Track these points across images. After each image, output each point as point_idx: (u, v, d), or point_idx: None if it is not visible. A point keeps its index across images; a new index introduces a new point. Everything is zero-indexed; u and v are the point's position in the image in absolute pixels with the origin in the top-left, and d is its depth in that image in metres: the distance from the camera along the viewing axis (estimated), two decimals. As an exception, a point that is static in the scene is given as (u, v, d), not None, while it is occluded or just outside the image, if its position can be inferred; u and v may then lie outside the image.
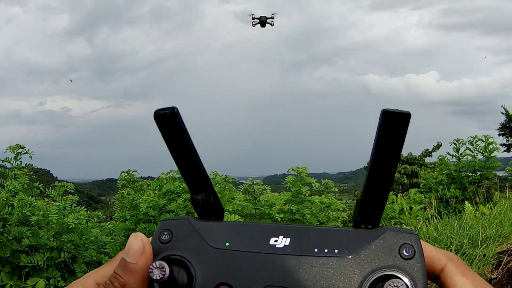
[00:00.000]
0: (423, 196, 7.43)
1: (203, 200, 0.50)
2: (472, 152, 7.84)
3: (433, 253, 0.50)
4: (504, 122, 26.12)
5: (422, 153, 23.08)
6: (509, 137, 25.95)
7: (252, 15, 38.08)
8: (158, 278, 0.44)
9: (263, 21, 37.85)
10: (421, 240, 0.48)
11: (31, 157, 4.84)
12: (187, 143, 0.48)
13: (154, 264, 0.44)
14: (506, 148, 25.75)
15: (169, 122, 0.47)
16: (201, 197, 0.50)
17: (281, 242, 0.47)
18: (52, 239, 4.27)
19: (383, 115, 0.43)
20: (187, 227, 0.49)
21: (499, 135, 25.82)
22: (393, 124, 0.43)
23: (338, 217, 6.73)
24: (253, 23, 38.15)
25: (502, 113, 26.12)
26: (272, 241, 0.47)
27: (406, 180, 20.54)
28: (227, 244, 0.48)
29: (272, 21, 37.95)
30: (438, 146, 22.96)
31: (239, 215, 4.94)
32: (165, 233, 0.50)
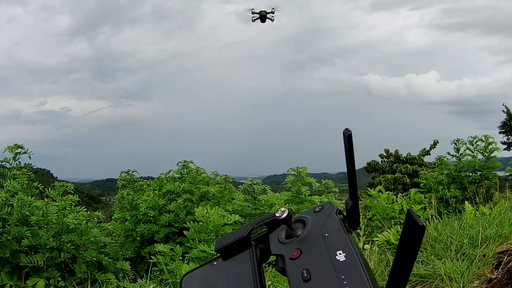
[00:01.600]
0: (423, 196, 7.42)
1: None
2: (472, 152, 7.83)
3: None
4: (505, 120, 26.14)
5: (420, 153, 23.02)
6: (510, 136, 25.95)
7: (252, 9, 37.54)
8: None
9: (263, 16, 37.24)
10: None
11: (30, 157, 4.84)
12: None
13: None
14: (506, 146, 25.76)
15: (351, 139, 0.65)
16: None
17: None
18: (52, 239, 4.27)
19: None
20: None
21: (500, 133, 25.85)
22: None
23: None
24: (253, 18, 37.54)
25: (503, 111, 26.13)
26: None
27: (408, 180, 20.51)
28: None
29: (273, 16, 37.41)
30: (435, 143, 22.92)
31: (239, 215, 4.93)
32: None
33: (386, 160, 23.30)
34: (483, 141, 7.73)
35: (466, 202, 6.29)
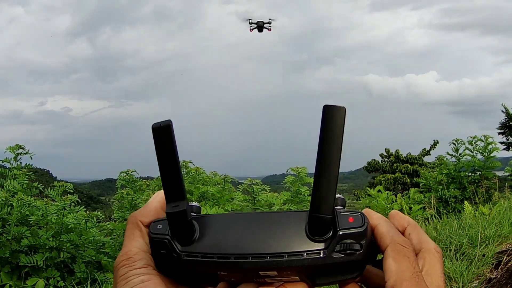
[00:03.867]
0: (422, 196, 7.43)
1: (177, 214, 0.54)
2: (472, 152, 7.84)
3: (383, 231, 0.55)
4: (504, 121, 26.17)
5: (420, 153, 23.07)
6: (509, 136, 25.99)
7: (250, 20, 38.38)
8: None
9: (260, 26, 38.20)
10: (377, 214, 0.57)
11: (31, 158, 4.85)
12: (175, 155, 0.53)
13: None
14: (505, 146, 25.80)
15: (163, 134, 0.52)
16: (175, 207, 0.54)
17: None
18: (51, 239, 4.27)
19: (324, 109, 0.50)
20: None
21: (499, 133, 25.89)
22: (333, 116, 0.50)
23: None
24: (251, 27, 38.50)
25: (502, 111, 26.17)
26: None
27: (408, 180, 20.54)
28: None
29: (270, 26, 38.24)
30: (435, 144, 22.97)
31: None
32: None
33: (386, 159, 23.35)
34: (483, 141, 7.74)
35: (465, 202, 6.30)
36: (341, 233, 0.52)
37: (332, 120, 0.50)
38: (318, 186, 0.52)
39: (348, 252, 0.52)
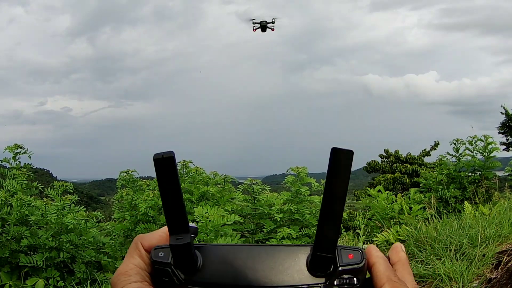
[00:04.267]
0: (422, 196, 7.42)
1: (180, 247, 0.55)
2: (472, 152, 7.83)
3: (381, 270, 0.57)
4: (504, 121, 26.15)
5: (420, 153, 23.05)
6: (509, 136, 25.96)
7: (253, 19, 38.57)
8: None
9: (263, 26, 38.40)
10: (378, 253, 0.59)
11: (30, 157, 4.84)
12: (178, 188, 0.54)
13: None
14: (505, 147, 25.78)
15: (166, 165, 0.52)
16: (179, 240, 0.55)
17: None
18: (51, 239, 4.26)
19: (332, 152, 0.52)
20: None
21: (499, 133, 25.86)
22: (341, 159, 0.52)
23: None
24: (254, 27, 38.69)
25: (501, 113, 26.14)
26: None
27: (407, 180, 20.52)
28: None
29: (273, 25, 38.42)
30: (436, 145, 22.95)
31: (238, 215, 4.93)
32: None
33: (386, 160, 23.33)
34: (483, 141, 7.73)
35: (465, 202, 6.30)
36: (340, 269, 0.55)
37: (339, 163, 0.52)
38: (323, 226, 0.53)
39: (346, 287, 0.54)
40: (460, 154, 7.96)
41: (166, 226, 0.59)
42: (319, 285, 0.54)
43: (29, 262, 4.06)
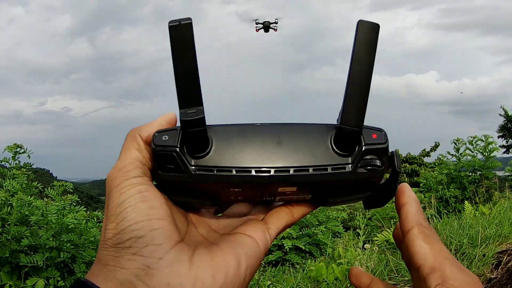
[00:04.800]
0: (422, 196, 7.43)
1: (193, 122, 0.48)
2: (472, 151, 7.83)
3: (412, 211, 0.53)
4: (503, 123, 26.04)
5: (420, 153, 23.07)
6: (509, 139, 25.86)
7: (256, 20, 38.53)
8: None
9: (266, 26, 38.40)
10: (410, 192, 0.56)
11: (29, 157, 4.84)
12: (193, 56, 0.47)
13: None
14: (505, 149, 25.67)
15: (182, 32, 0.46)
16: (192, 114, 0.48)
17: None
18: (51, 239, 4.26)
19: (358, 24, 0.49)
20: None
21: (499, 137, 25.70)
22: (367, 32, 0.49)
23: (338, 217, 6.73)
24: (257, 28, 38.66)
25: (500, 114, 26.05)
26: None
27: (406, 179, 20.55)
28: None
29: (276, 26, 38.41)
30: (436, 146, 22.97)
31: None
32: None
33: (385, 160, 23.32)
34: (483, 141, 7.73)
35: (465, 202, 6.30)
36: (365, 148, 0.50)
37: (365, 35, 0.49)
38: (351, 98, 0.49)
39: (370, 168, 0.50)
40: (461, 154, 7.96)
41: (165, 115, 0.53)
42: (345, 165, 0.50)
43: (30, 262, 4.05)
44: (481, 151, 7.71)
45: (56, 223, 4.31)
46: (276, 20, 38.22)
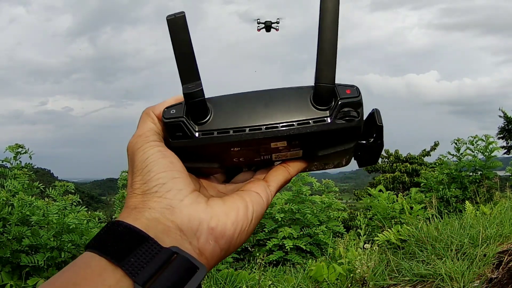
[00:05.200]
0: (423, 196, 7.42)
1: (194, 94, 0.57)
2: (473, 151, 7.82)
3: None
4: (503, 125, 25.95)
5: (420, 153, 23.04)
6: (509, 140, 25.77)
7: (258, 19, 38.60)
8: None
9: (268, 26, 38.43)
10: None
11: (30, 157, 4.84)
12: (188, 41, 0.56)
13: None
14: (506, 150, 25.57)
15: (178, 23, 0.56)
16: (192, 87, 0.57)
17: None
18: (52, 239, 4.27)
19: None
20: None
21: (499, 138, 25.59)
22: None
23: (339, 217, 6.73)
24: (258, 27, 38.75)
25: (500, 116, 25.96)
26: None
27: (407, 179, 20.53)
28: None
29: (278, 25, 38.44)
30: (436, 145, 22.94)
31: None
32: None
33: (386, 160, 23.33)
34: (483, 141, 7.72)
35: (466, 202, 6.29)
36: (341, 102, 0.57)
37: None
38: (321, 57, 0.56)
39: (348, 118, 0.57)
40: (461, 153, 7.95)
41: (173, 96, 0.61)
42: (325, 118, 0.57)
43: (30, 262, 4.06)
44: (481, 151, 7.71)
45: (57, 223, 4.31)
46: (278, 20, 38.23)
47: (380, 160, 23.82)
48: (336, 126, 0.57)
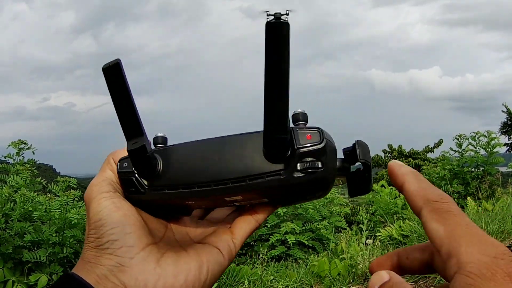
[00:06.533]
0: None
1: (137, 150, 0.54)
2: (475, 147, 7.80)
3: (412, 190, 0.48)
4: (505, 120, 25.90)
5: (423, 149, 23.04)
6: (511, 136, 25.73)
7: (267, 11, 38.89)
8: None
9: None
10: (405, 168, 0.49)
11: (33, 153, 4.85)
12: (127, 92, 0.52)
13: None
14: (508, 147, 25.50)
15: (113, 73, 0.51)
16: (134, 144, 0.54)
17: None
18: (54, 235, 4.28)
19: (267, 27, 0.48)
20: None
21: (502, 134, 25.55)
22: (276, 33, 0.48)
23: (341, 212, 6.74)
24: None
25: (503, 111, 25.90)
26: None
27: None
28: None
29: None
30: (440, 143, 22.93)
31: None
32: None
33: (389, 155, 23.34)
34: (486, 137, 7.70)
35: (468, 198, 6.30)
36: (299, 151, 0.49)
37: (273, 36, 0.48)
38: (270, 106, 0.47)
39: (309, 170, 0.49)
40: (463, 149, 7.93)
41: None
42: (279, 171, 0.50)
43: (33, 258, 4.07)
44: (484, 147, 7.69)
45: (59, 218, 4.32)
46: (287, 12, 38.45)
47: (383, 155, 23.71)
48: (294, 181, 0.50)
